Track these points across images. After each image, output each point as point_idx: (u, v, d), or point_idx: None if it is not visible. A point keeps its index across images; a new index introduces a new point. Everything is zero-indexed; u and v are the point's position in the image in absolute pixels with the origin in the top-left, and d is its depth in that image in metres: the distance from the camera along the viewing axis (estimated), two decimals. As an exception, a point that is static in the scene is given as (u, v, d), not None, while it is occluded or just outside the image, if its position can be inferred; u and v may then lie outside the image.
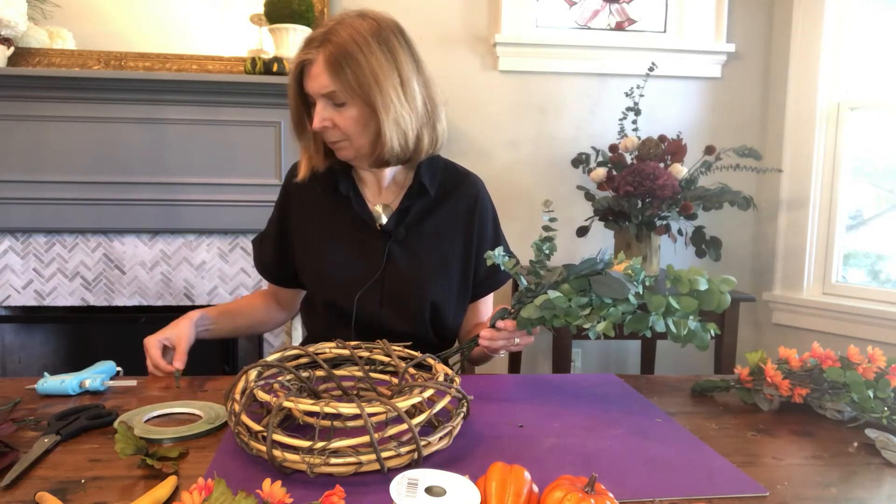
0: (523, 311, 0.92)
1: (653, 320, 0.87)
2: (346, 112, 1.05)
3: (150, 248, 2.18)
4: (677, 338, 0.88)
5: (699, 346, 0.88)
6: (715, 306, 0.88)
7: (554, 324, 0.91)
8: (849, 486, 0.71)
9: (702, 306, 0.88)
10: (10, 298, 2.14)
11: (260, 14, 2.15)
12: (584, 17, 2.45)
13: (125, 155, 2.08)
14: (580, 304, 0.87)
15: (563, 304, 0.88)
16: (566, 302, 0.88)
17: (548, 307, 0.89)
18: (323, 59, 1.03)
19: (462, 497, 0.57)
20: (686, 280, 0.88)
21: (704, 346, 0.88)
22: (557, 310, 0.88)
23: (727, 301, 0.88)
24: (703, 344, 0.88)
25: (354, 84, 1.03)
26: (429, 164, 1.19)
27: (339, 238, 1.17)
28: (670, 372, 2.51)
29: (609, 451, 0.78)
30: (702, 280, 0.88)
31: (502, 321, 0.95)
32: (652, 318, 0.87)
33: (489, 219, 1.23)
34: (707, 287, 0.88)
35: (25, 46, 2.09)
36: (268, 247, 1.26)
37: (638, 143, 2.10)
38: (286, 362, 0.89)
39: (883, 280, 2.26)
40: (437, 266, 1.17)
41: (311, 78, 1.05)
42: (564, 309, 0.88)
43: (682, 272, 0.89)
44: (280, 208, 1.24)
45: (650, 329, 0.88)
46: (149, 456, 0.70)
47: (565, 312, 0.88)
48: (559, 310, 0.88)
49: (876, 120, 2.25)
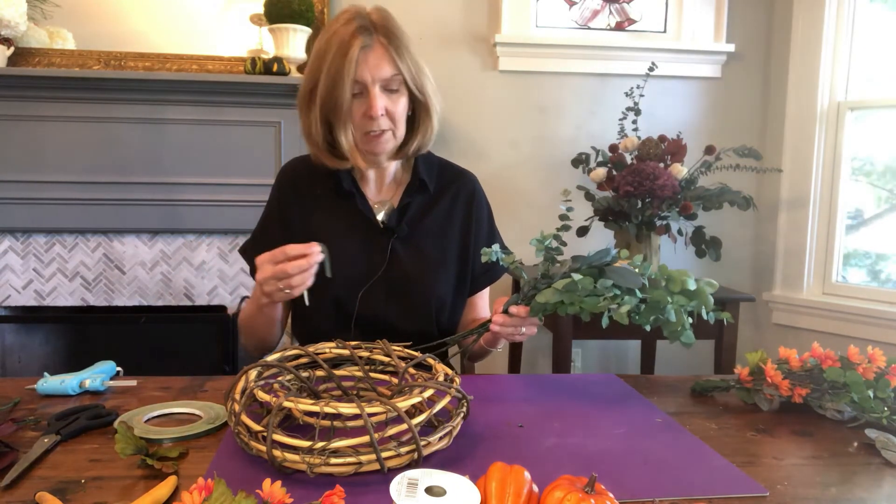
0: (539, 296, 0.92)
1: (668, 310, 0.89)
2: (399, 99, 1.08)
3: (150, 248, 2.18)
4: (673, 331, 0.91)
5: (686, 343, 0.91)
6: (703, 305, 0.91)
7: (567, 311, 0.92)
8: (849, 486, 0.71)
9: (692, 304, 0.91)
10: (10, 298, 2.14)
11: (260, 14, 2.15)
12: (584, 17, 2.45)
13: (125, 155, 2.08)
14: (605, 286, 0.89)
15: (589, 286, 0.89)
16: (592, 284, 0.89)
17: (571, 289, 0.89)
18: (381, 45, 1.05)
19: (462, 497, 0.57)
20: (678, 279, 0.91)
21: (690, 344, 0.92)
22: (580, 292, 0.89)
23: (710, 301, 0.91)
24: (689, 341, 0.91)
25: (414, 71, 1.07)
26: (425, 161, 1.21)
27: (342, 236, 1.16)
28: (670, 372, 2.51)
29: (609, 451, 0.78)
30: (690, 280, 0.91)
31: (515, 307, 0.96)
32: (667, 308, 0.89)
33: (485, 215, 1.26)
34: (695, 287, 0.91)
35: (25, 46, 2.09)
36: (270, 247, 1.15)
37: (638, 143, 2.10)
38: (286, 362, 0.89)
39: (883, 280, 2.26)
40: (439, 262, 1.18)
41: (369, 65, 1.04)
42: (588, 291, 0.89)
43: (675, 272, 0.91)
44: (278, 209, 1.21)
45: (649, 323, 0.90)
46: (149, 456, 0.70)
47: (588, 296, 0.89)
48: (582, 292, 0.89)
49: (876, 120, 2.25)
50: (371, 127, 1.08)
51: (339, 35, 1.05)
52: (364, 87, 1.05)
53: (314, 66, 1.09)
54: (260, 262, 0.97)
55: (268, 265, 0.96)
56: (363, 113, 1.07)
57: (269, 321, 1.14)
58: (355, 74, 1.04)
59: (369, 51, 1.04)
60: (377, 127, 1.07)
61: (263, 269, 0.96)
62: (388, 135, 1.09)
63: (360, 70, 1.04)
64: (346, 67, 1.03)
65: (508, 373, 2.35)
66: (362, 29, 1.05)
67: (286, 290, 0.95)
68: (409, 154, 1.17)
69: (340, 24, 1.06)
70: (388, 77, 1.05)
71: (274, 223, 1.21)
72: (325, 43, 1.06)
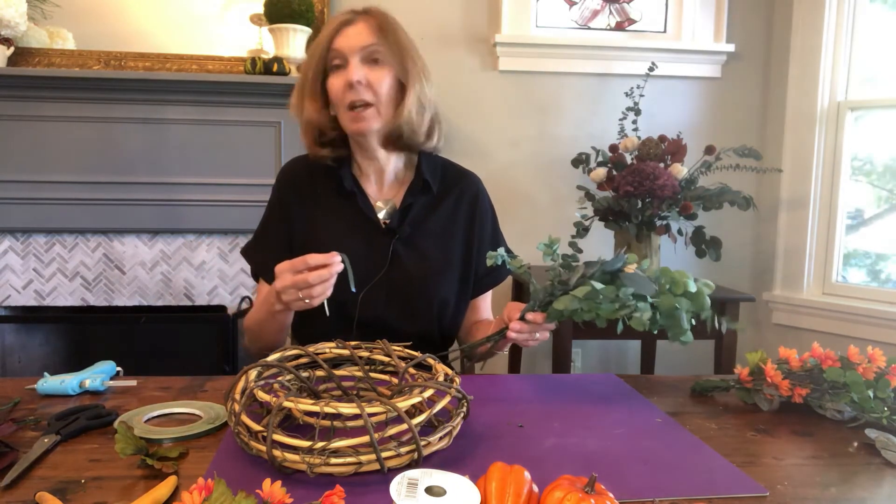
0: (557, 303, 0.92)
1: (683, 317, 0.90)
2: (382, 72, 1.08)
3: (150, 248, 2.18)
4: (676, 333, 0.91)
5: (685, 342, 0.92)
6: (700, 307, 0.91)
7: (584, 317, 0.92)
8: (849, 486, 0.71)
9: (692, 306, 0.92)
10: (10, 298, 2.14)
11: (260, 14, 2.15)
12: (584, 17, 2.45)
13: (125, 155, 2.08)
14: (626, 294, 0.89)
15: (611, 294, 0.89)
16: (614, 292, 0.89)
17: (591, 297, 0.90)
18: (364, 20, 1.08)
19: (462, 497, 0.57)
20: (681, 282, 0.91)
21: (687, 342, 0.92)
22: (601, 300, 0.89)
23: (708, 303, 0.92)
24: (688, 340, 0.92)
25: (394, 45, 1.08)
26: (428, 161, 1.20)
27: (343, 236, 1.15)
28: (670, 372, 2.51)
29: (609, 451, 0.78)
30: (690, 282, 0.91)
31: (532, 313, 0.96)
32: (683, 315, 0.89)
33: (489, 217, 1.24)
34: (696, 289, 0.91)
35: (25, 46, 2.09)
36: (273, 248, 1.18)
37: (638, 143, 2.10)
38: (286, 362, 0.89)
39: (883, 280, 2.26)
40: (442, 264, 1.17)
41: (349, 36, 1.07)
42: (610, 299, 0.89)
43: (676, 273, 0.92)
44: (279, 209, 1.20)
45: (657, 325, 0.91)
46: (149, 456, 0.70)
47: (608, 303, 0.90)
48: (603, 300, 0.89)
49: (876, 120, 2.25)
50: (351, 97, 1.07)
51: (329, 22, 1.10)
52: (344, 59, 1.08)
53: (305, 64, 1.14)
54: (279, 270, 0.96)
55: (287, 274, 0.94)
56: (343, 84, 1.07)
57: (280, 327, 1.12)
58: (333, 43, 1.07)
59: (351, 25, 1.08)
60: (357, 97, 1.07)
61: (283, 278, 0.95)
62: (371, 111, 1.08)
63: (339, 39, 1.08)
64: (324, 39, 1.08)
65: (508, 373, 2.34)
66: (349, 12, 1.10)
67: (306, 299, 0.94)
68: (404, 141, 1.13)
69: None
70: (366, 45, 1.07)
71: (275, 223, 1.20)
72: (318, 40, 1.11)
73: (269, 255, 1.16)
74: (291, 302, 0.96)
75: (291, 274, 0.94)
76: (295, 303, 0.96)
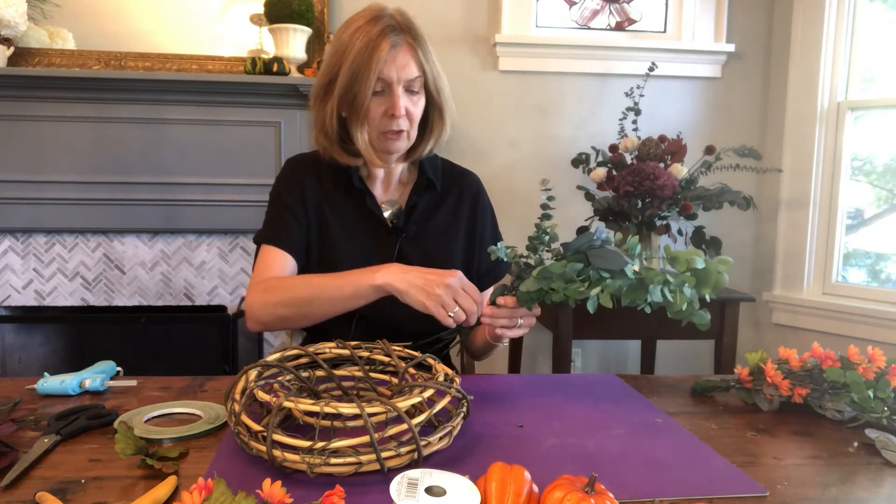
0: (522, 285, 0.92)
1: (651, 289, 0.86)
2: (419, 101, 1.10)
3: (150, 248, 2.18)
4: (677, 311, 0.88)
5: (699, 323, 0.88)
6: (712, 285, 0.88)
7: (553, 299, 0.91)
8: (849, 486, 0.71)
9: (699, 284, 0.88)
10: (10, 298, 2.14)
11: (260, 14, 2.15)
12: (584, 17, 2.45)
13: (125, 155, 2.08)
14: (575, 270, 0.87)
15: (559, 270, 0.87)
16: (562, 268, 0.87)
17: (545, 276, 0.89)
18: (409, 45, 1.06)
19: (462, 497, 0.57)
20: (683, 259, 0.88)
21: (705, 325, 0.88)
22: (555, 278, 0.88)
23: (724, 280, 0.88)
24: (702, 322, 0.88)
25: (435, 73, 1.10)
26: (430, 162, 1.22)
27: (351, 234, 1.17)
28: (670, 372, 2.51)
29: (609, 451, 0.78)
30: (699, 259, 0.88)
31: (502, 297, 0.96)
32: (650, 287, 0.86)
33: (489, 215, 1.26)
34: (704, 266, 0.88)
35: (25, 46, 2.09)
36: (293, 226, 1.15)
37: (638, 143, 2.10)
38: (286, 362, 0.89)
39: (883, 280, 2.26)
40: (446, 261, 1.18)
41: (397, 66, 1.05)
42: (561, 275, 0.88)
43: (680, 252, 0.89)
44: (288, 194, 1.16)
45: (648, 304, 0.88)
46: (149, 456, 0.70)
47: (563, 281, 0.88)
48: (556, 278, 0.88)
49: (876, 120, 2.25)
50: (390, 126, 1.08)
51: (365, 31, 1.04)
52: (387, 86, 1.06)
53: (334, 60, 1.08)
54: (458, 273, 0.96)
55: (462, 282, 0.95)
56: (384, 111, 1.07)
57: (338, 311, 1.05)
58: (381, 72, 1.04)
59: (398, 50, 1.05)
60: (397, 126, 1.08)
61: (461, 279, 0.96)
62: (403, 135, 1.10)
63: (387, 68, 1.04)
64: (373, 64, 1.03)
65: (508, 373, 2.35)
66: (390, 28, 1.05)
67: (456, 309, 0.94)
68: (423, 156, 1.18)
69: (364, 21, 1.06)
70: (413, 78, 1.06)
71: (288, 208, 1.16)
72: (349, 37, 1.05)
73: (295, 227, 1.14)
74: (443, 299, 0.93)
75: (465, 290, 0.95)
76: (447, 303, 0.93)
